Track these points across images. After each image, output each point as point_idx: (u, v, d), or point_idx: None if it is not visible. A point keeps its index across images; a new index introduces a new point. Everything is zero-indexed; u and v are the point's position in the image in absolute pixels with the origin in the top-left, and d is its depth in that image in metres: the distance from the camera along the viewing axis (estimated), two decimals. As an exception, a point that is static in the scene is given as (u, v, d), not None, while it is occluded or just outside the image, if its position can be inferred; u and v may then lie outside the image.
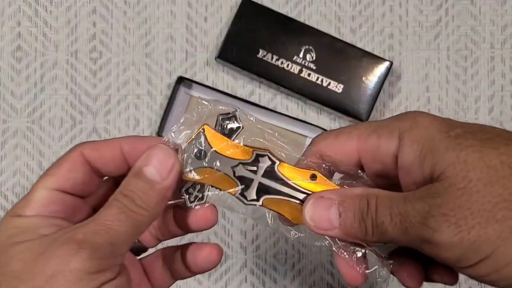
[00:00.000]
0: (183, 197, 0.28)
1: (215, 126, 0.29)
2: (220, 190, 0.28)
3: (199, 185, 0.28)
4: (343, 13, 0.58)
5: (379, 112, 0.57)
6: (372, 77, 0.55)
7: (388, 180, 0.28)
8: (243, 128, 0.29)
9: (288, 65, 0.55)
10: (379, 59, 0.55)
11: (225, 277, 0.56)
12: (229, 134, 0.29)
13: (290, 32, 0.55)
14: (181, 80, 0.55)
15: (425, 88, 0.57)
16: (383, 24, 0.58)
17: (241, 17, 0.55)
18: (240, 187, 0.29)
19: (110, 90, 0.57)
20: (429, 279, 0.29)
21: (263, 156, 0.29)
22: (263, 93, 0.57)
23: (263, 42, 0.55)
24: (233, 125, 0.29)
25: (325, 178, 0.28)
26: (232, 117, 0.29)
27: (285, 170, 0.28)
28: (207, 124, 0.29)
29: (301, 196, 0.28)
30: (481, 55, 0.58)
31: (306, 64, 0.55)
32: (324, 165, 0.28)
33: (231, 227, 0.56)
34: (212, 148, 0.28)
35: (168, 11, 0.58)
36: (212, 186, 0.28)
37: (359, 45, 0.57)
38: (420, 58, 0.58)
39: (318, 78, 0.55)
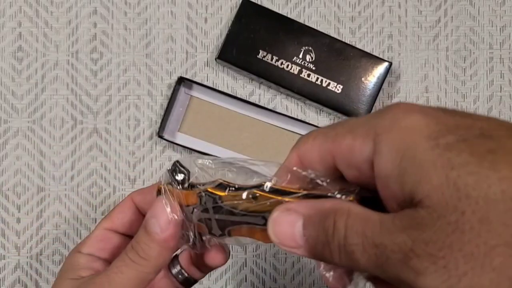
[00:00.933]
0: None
1: (172, 183, 0.29)
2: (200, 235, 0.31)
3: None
4: (342, 14, 0.58)
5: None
6: (372, 78, 0.55)
7: (370, 191, 0.24)
8: (189, 172, 0.29)
9: (287, 66, 0.55)
10: (378, 60, 0.55)
11: (225, 276, 0.56)
12: (182, 184, 0.29)
13: (290, 32, 0.55)
14: (181, 81, 0.56)
15: (424, 88, 0.58)
16: (382, 24, 0.58)
17: (241, 18, 0.55)
18: (206, 229, 0.29)
19: (111, 90, 0.57)
20: None
21: (202, 196, 0.28)
22: (263, 94, 0.58)
23: (263, 43, 0.55)
24: (179, 176, 0.29)
25: (265, 194, 0.26)
26: (175, 169, 0.29)
27: (228, 201, 0.28)
28: (161, 184, 0.30)
29: (259, 220, 0.27)
30: (480, 56, 0.58)
31: (306, 64, 0.55)
32: (305, 173, 0.25)
33: (231, 227, 0.56)
34: (174, 202, 0.29)
35: (168, 11, 0.58)
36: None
37: (359, 45, 0.57)
38: (419, 59, 0.58)
39: (317, 78, 0.55)
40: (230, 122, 0.56)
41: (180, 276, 0.36)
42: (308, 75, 0.55)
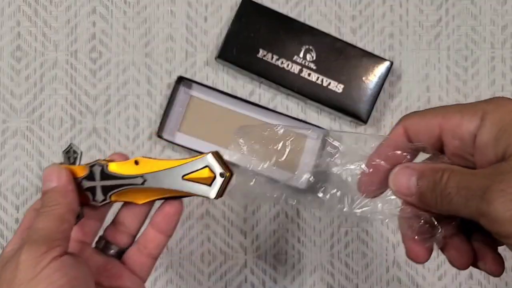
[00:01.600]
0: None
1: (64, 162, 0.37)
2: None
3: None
4: (343, 13, 0.58)
5: (379, 112, 0.57)
6: (373, 77, 0.55)
7: (464, 160, 0.30)
8: (81, 153, 0.37)
9: (288, 65, 0.55)
10: (379, 59, 0.55)
11: (225, 278, 0.56)
12: (74, 162, 0.36)
13: (290, 32, 0.55)
14: (181, 80, 0.55)
15: (425, 88, 0.57)
16: (384, 24, 0.58)
17: (241, 17, 0.55)
18: (90, 196, 0.36)
19: (110, 90, 0.57)
20: (476, 266, 0.30)
21: (93, 165, 0.36)
22: (263, 93, 0.57)
23: (263, 42, 0.55)
24: (74, 155, 0.36)
25: (148, 159, 0.35)
26: (69, 148, 0.37)
27: (114, 168, 0.35)
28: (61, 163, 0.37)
29: (138, 180, 0.35)
30: (482, 55, 0.58)
31: (306, 64, 0.55)
32: (409, 146, 0.31)
33: (231, 227, 0.56)
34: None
35: (168, 11, 0.57)
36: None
37: (360, 45, 0.57)
38: (420, 58, 0.58)
39: (318, 78, 0.55)
40: (230, 122, 0.56)
41: (108, 249, 0.38)
42: (309, 75, 0.55)
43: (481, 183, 0.26)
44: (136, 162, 0.35)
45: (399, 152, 0.31)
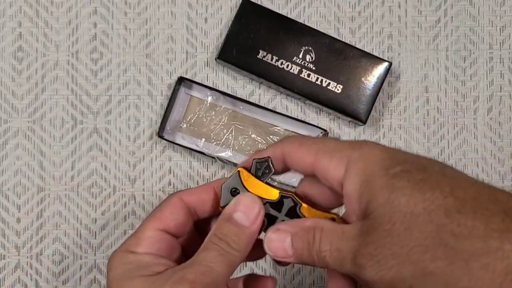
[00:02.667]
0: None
1: (250, 170, 0.32)
2: None
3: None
4: (342, 14, 0.58)
5: (379, 112, 0.57)
6: (371, 78, 0.55)
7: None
8: (274, 172, 0.32)
9: (287, 66, 0.55)
10: (378, 60, 0.55)
11: (225, 277, 0.56)
12: (262, 177, 0.32)
13: (290, 32, 0.55)
14: (181, 81, 0.56)
15: (424, 88, 0.58)
16: (382, 25, 0.58)
17: (241, 18, 0.55)
18: (266, 223, 0.32)
19: (111, 90, 0.57)
20: None
21: (287, 198, 0.32)
22: (263, 94, 0.58)
23: (263, 43, 0.55)
24: (265, 170, 0.32)
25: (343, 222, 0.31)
26: (265, 162, 0.32)
27: (306, 211, 0.32)
28: (243, 167, 0.32)
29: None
30: (480, 56, 0.58)
31: (306, 64, 0.55)
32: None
33: (231, 227, 0.56)
34: (244, 187, 0.31)
35: (168, 12, 0.58)
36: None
37: (359, 45, 0.57)
38: (419, 59, 0.58)
39: (317, 78, 0.55)
40: (230, 121, 0.56)
41: None
42: (308, 75, 0.55)
43: (350, 245, 0.26)
44: (333, 219, 0.31)
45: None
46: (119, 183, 0.57)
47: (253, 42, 0.55)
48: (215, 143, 0.56)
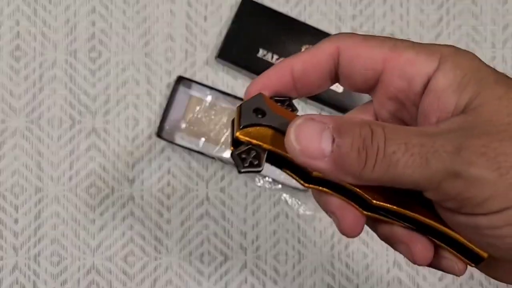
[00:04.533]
0: (234, 161, 0.25)
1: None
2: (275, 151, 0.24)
3: (254, 151, 0.24)
4: (343, 12, 0.58)
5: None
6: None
7: (400, 112, 0.24)
8: (297, 111, 0.26)
9: (288, 65, 0.55)
10: (380, 59, 0.55)
11: (225, 278, 0.56)
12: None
13: (290, 31, 0.55)
14: (180, 80, 0.55)
15: (426, 88, 0.57)
16: (384, 23, 0.58)
17: (241, 16, 0.55)
18: None
19: (109, 89, 0.57)
20: (436, 265, 0.25)
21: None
22: (263, 93, 0.57)
23: (263, 41, 0.55)
24: (287, 108, 0.26)
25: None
26: (286, 101, 0.26)
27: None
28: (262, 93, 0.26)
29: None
30: (483, 55, 0.57)
31: (307, 63, 0.55)
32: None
33: (231, 228, 0.56)
34: (270, 108, 0.25)
35: (167, 10, 0.57)
36: (266, 150, 0.24)
37: (360, 44, 0.57)
38: (421, 58, 0.57)
39: (318, 77, 0.55)
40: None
41: None
42: (309, 74, 0.55)
43: (449, 137, 0.20)
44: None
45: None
46: (117, 183, 0.56)
47: (253, 40, 0.55)
48: (214, 143, 0.56)
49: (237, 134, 0.24)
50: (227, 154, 0.55)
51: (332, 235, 0.56)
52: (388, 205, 0.23)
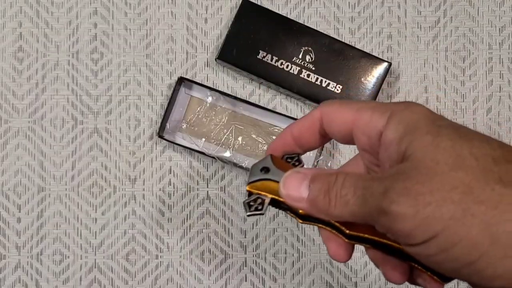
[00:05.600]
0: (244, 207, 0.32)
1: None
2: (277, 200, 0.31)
3: (260, 199, 0.31)
4: (342, 14, 0.58)
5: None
6: (371, 78, 0.55)
7: (373, 158, 0.30)
8: (303, 165, 0.33)
9: (287, 66, 0.55)
10: (377, 60, 0.55)
11: (225, 276, 0.56)
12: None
13: (290, 33, 0.55)
14: (181, 81, 0.56)
15: (423, 88, 0.58)
16: (382, 25, 0.58)
17: (241, 18, 0.55)
18: None
19: (111, 90, 0.57)
20: (413, 282, 0.29)
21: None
22: (263, 94, 0.58)
23: (262, 43, 0.55)
24: (295, 162, 0.33)
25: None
26: (295, 156, 0.33)
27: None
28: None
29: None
30: (479, 56, 0.58)
31: (306, 65, 0.55)
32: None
33: (231, 227, 0.57)
34: (274, 166, 0.31)
35: (168, 12, 0.58)
36: (268, 198, 0.31)
37: (358, 46, 0.57)
38: (418, 59, 0.58)
39: (317, 78, 0.55)
40: (230, 121, 0.56)
41: None
42: (308, 75, 0.55)
43: (382, 183, 0.25)
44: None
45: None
46: (119, 183, 0.57)
47: (253, 42, 0.55)
48: (215, 143, 0.56)
49: (247, 187, 0.31)
50: (227, 154, 0.56)
51: (330, 233, 0.57)
52: (360, 234, 0.29)
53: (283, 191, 0.29)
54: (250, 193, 0.31)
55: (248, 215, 0.31)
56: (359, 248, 0.56)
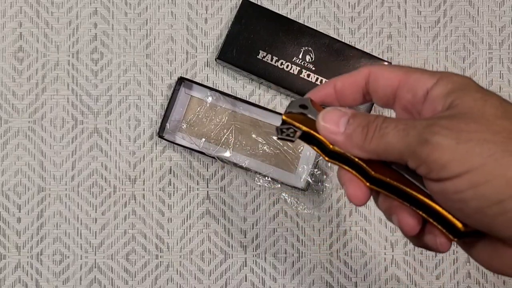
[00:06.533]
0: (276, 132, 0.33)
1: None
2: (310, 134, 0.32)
3: (292, 129, 0.32)
4: (342, 14, 0.58)
5: (378, 112, 0.57)
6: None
7: (410, 117, 0.31)
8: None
9: (287, 66, 0.55)
10: (378, 60, 0.55)
11: (225, 276, 0.56)
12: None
13: (290, 33, 0.55)
14: (181, 81, 0.56)
15: (423, 88, 0.58)
16: (382, 25, 0.58)
17: (241, 18, 0.55)
18: None
19: (111, 90, 0.57)
20: (421, 243, 0.29)
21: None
22: (263, 94, 0.58)
23: (262, 43, 0.55)
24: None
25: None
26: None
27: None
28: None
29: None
30: (479, 56, 0.58)
31: (306, 65, 0.55)
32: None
33: (231, 227, 0.57)
34: (311, 105, 0.32)
35: (168, 12, 0.58)
36: (301, 130, 0.32)
37: (358, 46, 0.57)
38: (418, 59, 0.58)
39: (317, 78, 0.55)
40: (230, 121, 0.56)
41: None
42: (308, 75, 0.55)
43: (423, 122, 0.26)
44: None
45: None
46: (119, 183, 0.57)
47: (253, 42, 0.55)
48: (215, 143, 0.56)
49: (283, 116, 0.32)
50: (227, 154, 0.56)
51: (330, 233, 0.57)
52: (385, 177, 0.28)
53: (321, 123, 0.30)
54: (284, 122, 0.32)
55: (279, 138, 0.32)
56: (359, 248, 0.56)
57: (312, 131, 0.31)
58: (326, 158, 0.31)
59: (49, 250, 0.56)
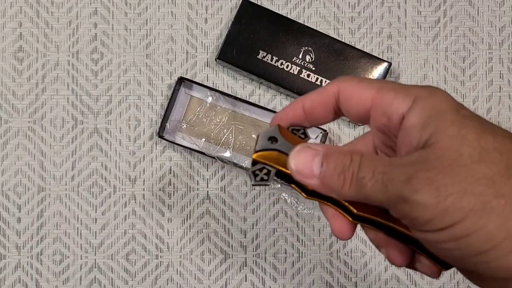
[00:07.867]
0: (250, 176, 0.31)
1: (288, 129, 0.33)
2: (281, 171, 0.30)
3: (266, 169, 0.30)
4: (342, 14, 0.58)
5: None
6: (371, 78, 0.55)
7: (387, 139, 0.30)
8: (309, 138, 0.32)
9: (287, 66, 0.55)
10: (377, 60, 0.55)
11: (225, 276, 0.56)
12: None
13: (290, 33, 0.55)
14: (181, 81, 0.56)
15: (423, 88, 0.58)
16: (382, 25, 0.58)
17: (241, 18, 0.55)
18: None
19: (111, 90, 0.57)
20: (412, 267, 0.30)
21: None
22: (263, 94, 0.58)
23: (263, 43, 0.55)
24: (301, 135, 0.32)
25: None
26: (301, 129, 0.32)
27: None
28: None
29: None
30: (479, 56, 0.58)
31: (306, 65, 0.55)
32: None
33: (231, 227, 0.57)
34: (283, 137, 0.30)
35: (168, 12, 0.58)
36: (274, 169, 0.30)
37: (358, 46, 0.57)
38: (418, 59, 0.58)
39: (317, 78, 0.55)
40: (230, 121, 0.56)
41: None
42: (308, 75, 0.55)
43: (403, 171, 0.25)
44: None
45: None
46: (119, 183, 0.57)
47: (253, 42, 0.55)
48: (215, 143, 0.56)
49: (253, 156, 0.30)
50: (227, 154, 0.56)
51: (330, 233, 0.57)
52: (367, 215, 0.28)
53: (292, 166, 0.28)
54: (255, 162, 0.30)
55: (254, 185, 0.30)
56: (359, 248, 0.56)
57: (285, 170, 0.29)
58: (305, 196, 0.30)
59: (49, 250, 0.56)
